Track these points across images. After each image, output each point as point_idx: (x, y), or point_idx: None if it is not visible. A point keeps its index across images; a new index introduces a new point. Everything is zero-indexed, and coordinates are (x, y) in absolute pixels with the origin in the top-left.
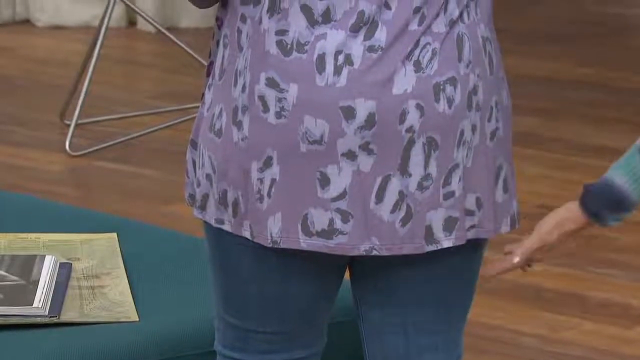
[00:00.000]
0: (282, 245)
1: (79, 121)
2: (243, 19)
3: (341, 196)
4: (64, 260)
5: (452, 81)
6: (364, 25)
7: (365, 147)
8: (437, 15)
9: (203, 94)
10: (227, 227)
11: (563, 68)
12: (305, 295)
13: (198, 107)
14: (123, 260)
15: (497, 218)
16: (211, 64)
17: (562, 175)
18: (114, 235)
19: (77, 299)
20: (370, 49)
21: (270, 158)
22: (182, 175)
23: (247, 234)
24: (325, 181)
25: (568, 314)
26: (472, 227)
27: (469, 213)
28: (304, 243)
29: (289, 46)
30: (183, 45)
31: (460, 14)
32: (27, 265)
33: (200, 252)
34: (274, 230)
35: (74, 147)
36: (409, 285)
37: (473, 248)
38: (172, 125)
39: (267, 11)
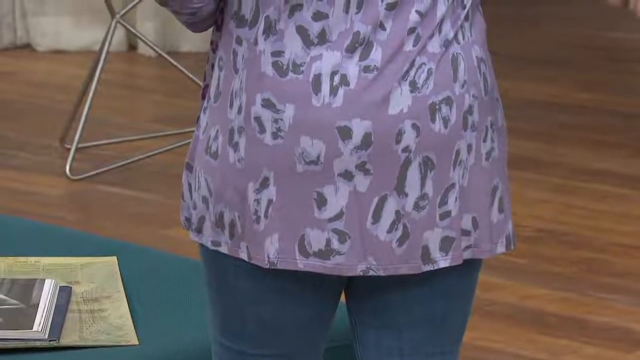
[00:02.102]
0: (280, 266)
1: (80, 145)
2: (239, 41)
3: (338, 216)
4: (64, 284)
5: (448, 101)
6: (359, 45)
7: (362, 167)
8: (432, 35)
9: (198, 117)
10: (223, 249)
11: (562, 92)
12: (302, 317)
13: None
14: (123, 284)
15: (493, 238)
16: (206, 86)
17: (562, 199)
18: (114, 258)
19: (77, 323)
20: (366, 69)
21: (266, 179)
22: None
23: (243, 255)
24: (322, 201)
25: (568, 338)
26: (468, 247)
27: (465, 233)
28: (301, 264)
29: (284, 67)
30: (183, 70)
31: (455, 35)
32: (26, 289)
33: (200, 275)
34: (271, 251)
35: (74, 171)
36: (405, 306)
37: (468, 268)
38: (172, 149)
39: (263, 32)
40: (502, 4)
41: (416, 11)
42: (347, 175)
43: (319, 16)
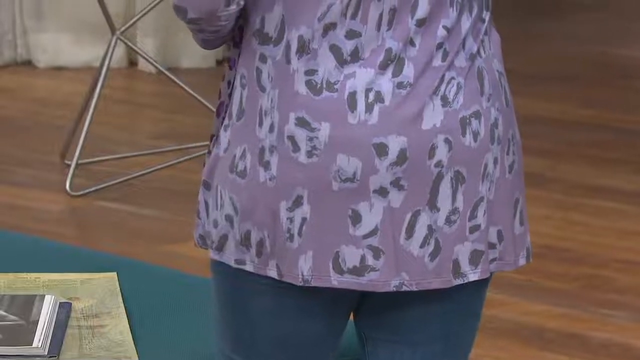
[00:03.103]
0: (313, 284)
1: (80, 161)
2: (262, 58)
3: (372, 233)
4: (64, 300)
5: (477, 115)
6: (391, 62)
7: (396, 183)
8: (458, 50)
9: (213, 135)
10: (249, 267)
11: (566, 109)
12: (318, 333)
13: (199, 146)
14: (123, 300)
15: (516, 251)
16: (221, 104)
17: (565, 216)
18: (114, 274)
19: (77, 339)
20: (399, 85)
21: (300, 197)
22: (182, 214)
23: (272, 273)
24: (356, 218)
25: (569, 355)
26: (494, 260)
27: (491, 246)
28: (335, 281)
29: (318, 85)
30: (184, 86)
31: (478, 49)
32: (26, 305)
33: (200, 291)
34: (305, 268)
35: (74, 187)
36: (423, 322)
37: (482, 284)
38: (172, 164)
39: (297, 52)
40: (507, 21)
41: (443, 26)
42: (382, 192)
43: (352, 34)
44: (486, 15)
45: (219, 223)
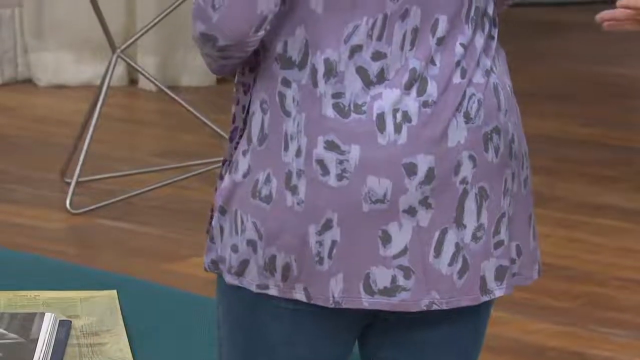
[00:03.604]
0: (344, 305)
1: (80, 179)
2: (286, 83)
3: (402, 252)
4: (64, 318)
5: (497, 130)
6: (415, 81)
7: (424, 202)
8: (475, 67)
9: (226, 161)
10: (272, 291)
11: (565, 127)
12: (333, 355)
13: (199, 164)
14: (123, 318)
15: (532, 265)
16: (235, 129)
17: (564, 234)
18: (114, 292)
19: (77, 357)
20: (425, 104)
21: (329, 220)
22: (182, 232)
23: (299, 296)
24: (386, 239)
25: None
26: (514, 275)
27: (512, 261)
28: (366, 302)
29: (346, 108)
30: (184, 104)
31: (491, 65)
32: (26, 323)
33: (200, 310)
34: (335, 290)
35: (74, 205)
36: (436, 341)
37: (490, 302)
38: (173, 182)
39: (324, 75)
40: (506, 40)
41: (460, 44)
42: (411, 211)
43: (378, 56)
44: (495, 32)
45: (239, 248)
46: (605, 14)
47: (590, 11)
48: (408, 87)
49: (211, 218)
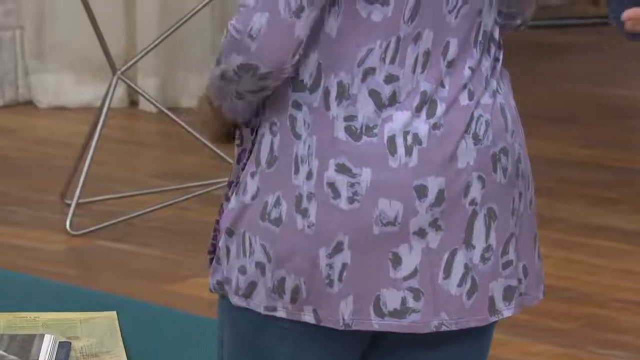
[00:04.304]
0: (354, 327)
1: (80, 201)
2: (297, 105)
3: (412, 274)
4: (63, 339)
5: (505, 151)
6: (425, 104)
7: (434, 224)
8: (482, 88)
9: (232, 182)
10: (280, 313)
11: (565, 149)
12: None
13: (199, 185)
14: (122, 339)
15: (538, 285)
16: (243, 151)
17: (563, 255)
18: (114, 314)
19: None
20: (434, 126)
21: (340, 243)
22: (183, 254)
23: (308, 318)
24: (397, 261)
25: None
26: (521, 294)
27: (519, 281)
28: (377, 324)
29: (358, 131)
30: (184, 125)
31: (497, 86)
32: (26, 345)
33: (201, 331)
34: (345, 313)
35: (74, 227)
36: (435, 358)
37: (494, 323)
38: (173, 204)
39: (336, 98)
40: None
41: (469, 67)
42: (421, 233)
43: (390, 79)
44: (500, 55)
45: (247, 270)
46: (631, 12)
47: (590, 33)
48: (418, 110)
49: (213, 239)
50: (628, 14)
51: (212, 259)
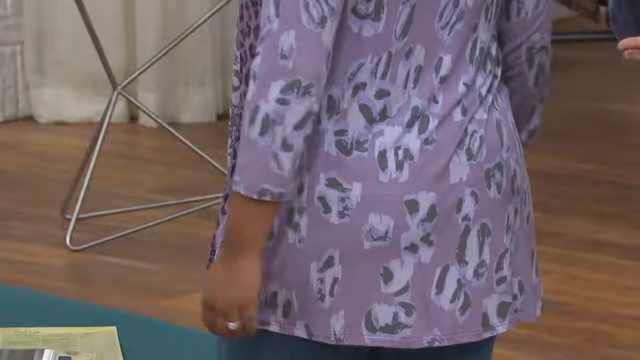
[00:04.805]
0: (346, 342)
1: (80, 216)
2: None
3: (404, 289)
4: (63, 354)
5: (499, 167)
6: (417, 119)
7: (426, 239)
8: (477, 104)
9: (228, 195)
10: (274, 327)
11: (563, 163)
12: None
13: (199, 200)
14: (122, 354)
15: (535, 301)
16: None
17: (562, 270)
18: (114, 329)
19: None
20: (426, 141)
21: (331, 258)
22: (183, 269)
23: (300, 333)
24: (388, 276)
25: None
26: (516, 311)
27: (514, 297)
28: (368, 339)
29: (348, 145)
30: (185, 140)
31: (493, 102)
32: None
33: (200, 345)
34: (337, 328)
35: (74, 242)
36: None
37: (493, 338)
38: (173, 219)
39: (327, 112)
40: None
41: (463, 83)
42: (413, 248)
43: (381, 94)
44: (498, 71)
45: None
46: (629, 41)
47: (588, 49)
48: (410, 125)
49: (212, 253)
50: (625, 43)
51: None
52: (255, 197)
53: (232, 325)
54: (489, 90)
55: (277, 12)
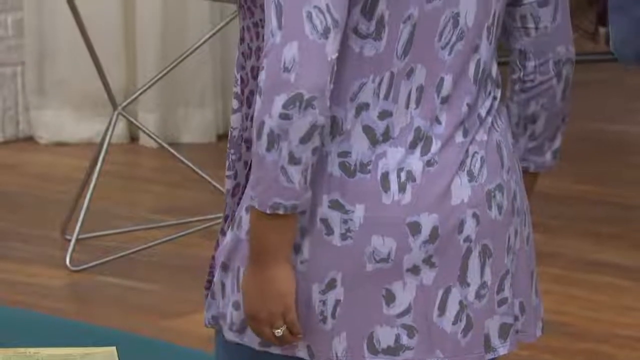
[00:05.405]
0: None
1: (80, 236)
2: None
3: (406, 311)
4: None
5: (500, 188)
6: (420, 140)
7: (428, 261)
8: (477, 125)
9: (228, 216)
10: (275, 350)
11: (562, 184)
12: None
13: (199, 220)
14: None
15: (536, 322)
16: (237, 185)
17: (562, 290)
18: (113, 349)
19: None
20: (428, 163)
21: (333, 280)
22: (183, 289)
23: (302, 354)
24: (390, 298)
25: None
26: (517, 332)
27: (515, 318)
28: None
29: (352, 167)
30: (185, 160)
31: (492, 123)
32: None
33: None
34: (339, 350)
35: (74, 262)
36: None
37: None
38: (173, 239)
39: (330, 133)
40: (505, 97)
41: (466, 104)
42: (415, 270)
43: (384, 115)
44: (498, 93)
45: (241, 306)
46: None
47: (586, 70)
48: (413, 146)
49: (210, 274)
50: None
51: (207, 295)
52: (268, 211)
53: (278, 332)
54: (488, 112)
55: (279, 24)
